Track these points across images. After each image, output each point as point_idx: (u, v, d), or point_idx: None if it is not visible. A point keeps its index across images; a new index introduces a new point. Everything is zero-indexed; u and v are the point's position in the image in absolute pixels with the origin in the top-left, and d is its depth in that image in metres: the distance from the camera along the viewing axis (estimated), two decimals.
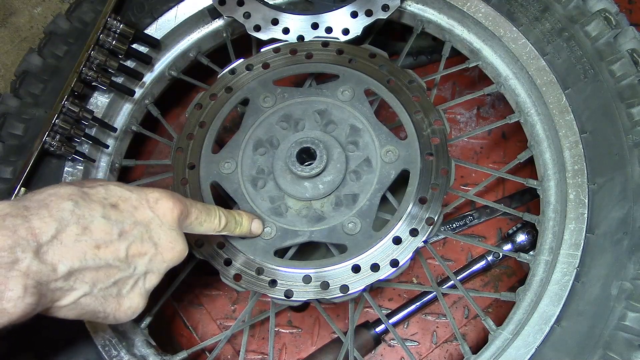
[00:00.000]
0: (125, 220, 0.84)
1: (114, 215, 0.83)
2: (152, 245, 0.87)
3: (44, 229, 0.75)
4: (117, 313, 0.87)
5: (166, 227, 0.89)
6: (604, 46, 1.20)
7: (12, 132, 1.30)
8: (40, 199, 0.78)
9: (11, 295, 0.71)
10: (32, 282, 0.73)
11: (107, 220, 0.82)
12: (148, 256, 0.87)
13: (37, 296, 0.73)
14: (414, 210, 1.13)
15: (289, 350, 1.58)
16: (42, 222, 0.75)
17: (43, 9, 1.75)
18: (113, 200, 0.85)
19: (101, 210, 0.82)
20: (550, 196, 1.21)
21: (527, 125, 1.28)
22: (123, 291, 0.87)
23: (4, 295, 0.71)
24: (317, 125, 1.23)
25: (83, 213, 0.79)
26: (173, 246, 0.90)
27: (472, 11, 1.31)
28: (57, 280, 0.76)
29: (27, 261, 0.72)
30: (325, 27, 1.33)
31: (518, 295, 1.17)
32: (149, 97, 1.44)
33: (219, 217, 1.01)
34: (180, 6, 1.40)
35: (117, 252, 0.83)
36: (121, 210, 0.85)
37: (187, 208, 0.93)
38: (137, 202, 0.87)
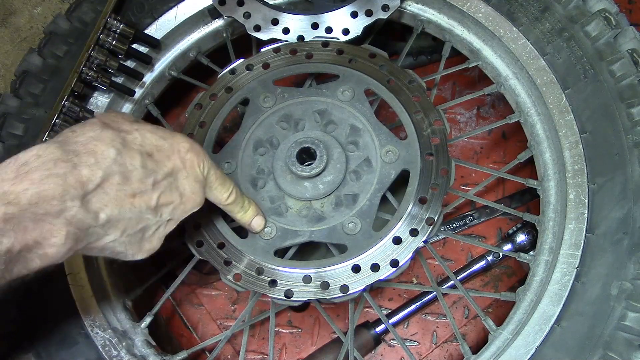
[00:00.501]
0: (159, 170, 0.87)
1: (150, 164, 0.86)
2: (178, 195, 0.91)
3: (91, 177, 0.77)
4: (136, 254, 0.91)
5: (191, 178, 0.93)
6: (604, 46, 1.20)
7: (12, 132, 1.30)
8: (84, 142, 0.80)
9: (54, 242, 0.74)
10: (74, 229, 0.75)
11: (145, 169, 0.84)
12: (173, 205, 0.91)
13: (75, 241, 0.76)
14: (414, 210, 1.13)
15: (289, 350, 1.58)
16: (89, 171, 0.77)
17: (43, 9, 1.75)
18: (149, 148, 0.87)
19: (140, 159, 0.84)
20: (550, 196, 1.21)
21: (527, 125, 1.28)
22: (146, 235, 0.90)
23: (48, 242, 0.73)
24: (317, 125, 1.23)
25: (124, 161, 0.82)
26: (194, 197, 0.94)
27: (472, 11, 1.31)
28: (96, 227, 0.79)
29: (74, 210, 0.74)
30: (325, 27, 1.33)
31: (518, 295, 1.17)
32: (149, 97, 1.44)
33: (230, 192, 1.03)
34: (180, 6, 1.40)
35: (149, 201, 0.86)
36: (156, 159, 0.87)
37: (208, 167, 0.96)
38: (169, 152, 0.90)
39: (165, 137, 0.91)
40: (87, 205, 0.77)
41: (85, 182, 0.76)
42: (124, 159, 0.82)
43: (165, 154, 0.89)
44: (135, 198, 0.84)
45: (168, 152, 0.90)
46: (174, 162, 0.90)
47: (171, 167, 0.90)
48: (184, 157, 0.92)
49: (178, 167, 0.91)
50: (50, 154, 0.76)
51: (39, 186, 0.72)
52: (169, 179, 0.89)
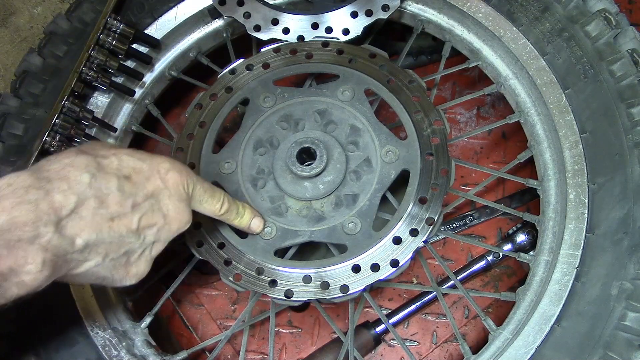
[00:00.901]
0: (138, 192, 0.86)
1: (127, 187, 0.84)
2: (161, 217, 0.89)
3: (65, 203, 0.76)
4: (124, 279, 0.90)
5: (175, 198, 0.91)
6: (604, 46, 1.20)
7: (12, 132, 1.30)
8: (58, 169, 0.79)
9: (30, 269, 0.73)
10: (50, 256, 0.74)
11: (121, 192, 0.83)
12: (157, 227, 0.89)
13: (53, 268, 0.75)
14: (414, 210, 1.13)
15: (289, 350, 1.58)
16: (62, 196, 0.76)
17: (43, 9, 1.75)
18: (126, 171, 0.86)
19: (116, 183, 0.83)
20: (550, 196, 1.21)
21: (527, 125, 1.28)
22: (131, 259, 0.89)
23: (23, 269, 0.72)
24: (317, 125, 1.23)
25: (100, 186, 0.81)
26: (180, 217, 0.92)
27: (472, 11, 1.31)
28: (73, 252, 0.78)
29: (48, 235, 0.74)
30: (325, 27, 1.33)
31: (518, 295, 1.17)
32: (149, 97, 1.44)
33: (222, 202, 1.02)
34: (180, 6, 1.40)
35: (129, 224, 0.85)
36: (134, 182, 0.86)
37: (193, 182, 0.95)
38: (148, 173, 0.88)
39: (143, 159, 0.89)
40: (62, 230, 0.75)
41: (58, 207, 0.75)
42: (99, 183, 0.81)
43: (144, 175, 0.88)
44: (114, 222, 0.82)
45: (147, 174, 0.88)
46: (155, 183, 0.88)
47: (152, 188, 0.88)
48: (164, 177, 0.90)
49: (159, 187, 0.89)
50: (21, 181, 0.75)
51: (10, 213, 0.71)
52: (150, 201, 0.88)
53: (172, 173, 0.91)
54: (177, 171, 0.92)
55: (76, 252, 0.78)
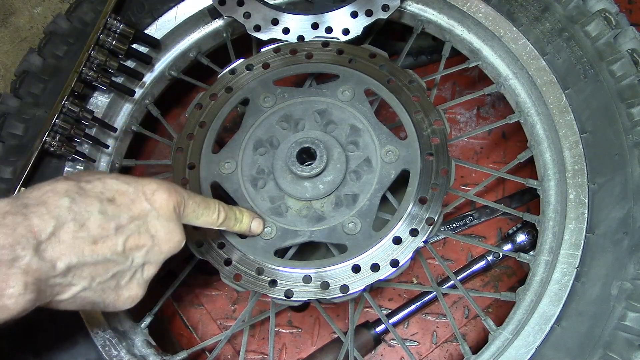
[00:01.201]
0: (122, 214, 0.84)
1: (110, 209, 0.83)
2: (149, 238, 0.87)
3: (43, 227, 0.75)
4: (116, 303, 0.89)
5: (163, 219, 0.89)
6: (604, 46, 1.20)
7: (12, 132, 1.30)
8: (38, 195, 0.79)
9: (12, 292, 0.72)
10: (32, 279, 0.73)
11: (103, 215, 0.82)
12: (145, 248, 0.87)
13: (36, 292, 0.74)
14: (414, 210, 1.13)
15: (289, 350, 1.58)
16: (40, 220, 0.75)
17: (43, 9, 1.75)
18: (110, 194, 0.85)
19: (98, 206, 0.82)
20: (550, 196, 1.21)
21: (527, 125, 1.28)
22: (121, 283, 0.87)
23: (5, 292, 0.71)
24: (317, 125, 1.23)
25: (80, 209, 0.80)
26: (170, 237, 0.90)
27: (472, 11, 1.31)
28: (56, 276, 0.77)
29: (27, 258, 0.73)
30: (325, 27, 1.33)
31: (518, 295, 1.17)
32: (149, 97, 1.44)
33: (218, 212, 1.01)
34: (180, 6, 1.40)
35: (114, 247, 0.83)
36: (118, 204, 0.85)
37: (184, 200, 0.93)
38: (134, 195, 0.87)
39: (129, 182, 0.88)
40: (42, 254, 0.75)
41: (36, 231, 0.74)
42: (78, 206, 0.79)
43: (129, 197, 0.86)
44: (97, 244, 0.81)
45: (132, 196, 0.86)
46: (140, 205, 0.87)
47: (137, 210, 0.86)
48: (151, 198, 0.88)
49: (145, 209, 0.87)
50: None
51: None
52: (136, 222, 0.86)
53: (159, 193, 0.89)
54: (164, 191, 0.90)
55: (59, 275, 0.77)
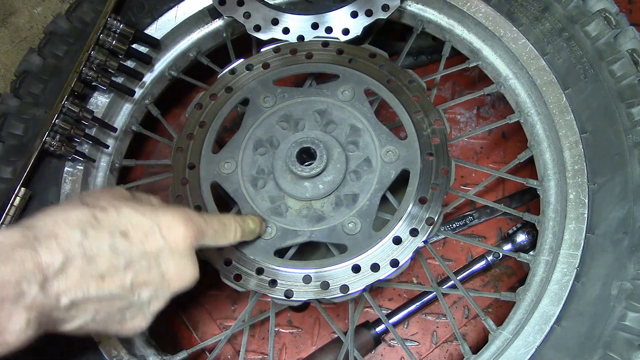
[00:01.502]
0: (133, 250, 0.82)
1: (122, 245, 0.81)
2: (158, 275, 0.85)
3: (51, 262, 0.74)
4: (120, 332, 0.87)
5: (177, 256, 0.87)
6: (604, 46, 1.20)
7: (12, 132, 1.30)
8: (49, 225, 0.77)
9: (14, 329, 0.71)
10: (35, 314, 0.73)
11: (114, 251, 0.80)
12: (154, 285, 0.85)
13: (38, 326, 0.74)
14: (414, 210, 1.13)
15: (289, 350, 1.58)
16: (49, 255, 0.74)
17: (43, 9, 1.75)
18: (123, 227, 0.83)
19: (109, 241, 0.80)
20: (550, 196, 1.21)
21: (527, 125, 1.28)
22: (127, 316, 0.85)
23: (7, 329, 0.71)
24: (317, 125, 1.23)
25: (90, 245, 0.78)
26: (181, 275, 0.88)
27: (472, 11, 1.31)
28: (59, 310, 0.76)
29: (32, 294, 0.72)
30: (325, 27, 1.33)
31: (518, 295, 1.17)
32: (149, 97, 1.44)
33: (235, 231, 1.00)
34: (180, 6, 1.40)
35: (121, 283, 0.81)
36: (131, 238, 0.83)
37: (202, 230, 0.91)
38: (148, 229, 0.84)
39: (146, 213, 0.85)
40: (47, 290, 0.74)
41: (45, 267, 0.73)
42: (90, 240, 0.78)
43: (143, 231, 0.84)
44: (104, 280, 0.79)
45: (146, 229, 0.84)
46: (153, 241, 0.84)
47: (150, 246, 0.84)
48: (165, 234, 0.85)
49: (159, 245, 0.85)
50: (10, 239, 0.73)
51: None
52: (147, 259, 0.84)
53: (174, 229, 0.86)
54: (180, 225, 0.87)
55: (62, 310, 0.76)
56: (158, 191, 1.65)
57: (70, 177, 1.30)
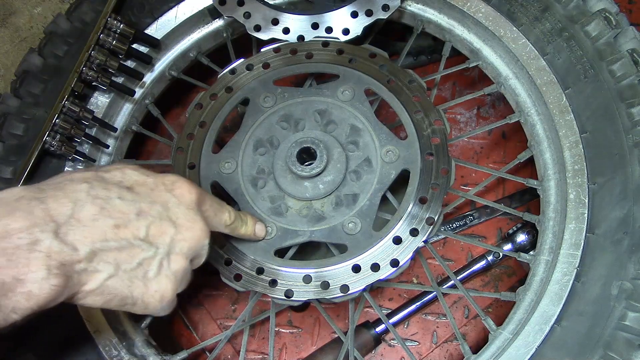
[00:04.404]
0: (142, 200, 0.83)
1: (130, 196, 0.82)
2: (171, 224, 0.85)
3: (60, 210, 0.74)
4: (146, 297, 0.84)
5: (184, 207, 0.88)
6: (604, 46, 1.20)
7: (12, 132, 1.30)
8: (55, 182, 0.78)
9: (35, 277, 0.70)
10: (55, 263, 0.71)
11: (123, 200, 0.81)
12: (169, 235, 0.85)
13: (61, 278, 0.72)
14: (414, 210, 1.13)
15: (289, 350, 1.58)
16: (57, 203, 0.74)
17: (43, 9, 1.75)
18: (129, 183, 0.84)
19: (117, 191, 0.81)
20: (550, 196, 1.21)
21: (527, 125, 1.28)
22: (149, 273, 0.83)
23: (27, 277, 0.70)
24: (317, 125, 1.23)
25: (98, 193, 0.79)
26: (192, 225, 0.88)
27: (472, 11, 1.31)
28: (80, 261, 0.75)
29: (47, 242, 0.71)
30: (325, 27, 1.33)
31: (518, 295, 1.17)
32: (149, 97, 1.44)
33: (229, 212, 1.01)
34: (180, 6, 1.40)
35: (137, 231, 0.81)
36: (137, 192, 0.84)
37: (202, 195, 0.93)
38: (153, 185, 0.86)
39: (148, 174, 0.88)
40: (63, 237, 0.73)
41: (53, 214, 0.73)
42: (97, 191, 0.79)
43: (149, 186, 0.86)
44: (120, 229, 0.79)
45: (151, 185, 0.86)
46: (160, 194, 0.86)
47: (158, 197, 0.85)
48: (171, 187, 0.88)
49: (165, 197, 0.86)
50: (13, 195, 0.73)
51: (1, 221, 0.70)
52: (156, 208, 0.84)
53: (179, 184, 0.89)
54: (184, 182, 0.90)
55: (83, 260, 0.75)
56: None
57: None
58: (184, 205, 0.88)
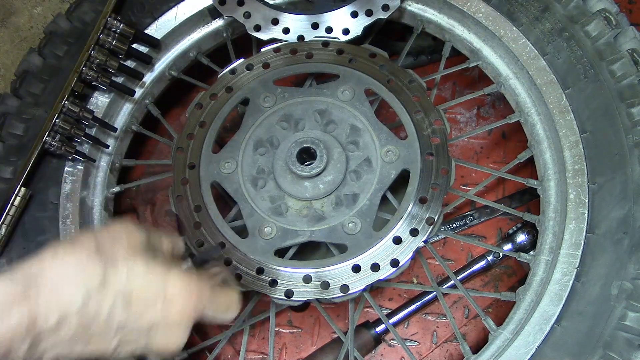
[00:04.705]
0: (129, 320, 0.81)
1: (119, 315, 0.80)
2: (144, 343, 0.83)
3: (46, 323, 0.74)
4: None
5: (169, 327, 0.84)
6: (604, 46, 1.20)
7: (12, 132, 1.30)
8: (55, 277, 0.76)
9: None
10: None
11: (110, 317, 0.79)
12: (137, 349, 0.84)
13: None
14: (414, 210, 1.13)
15: (289, 350, 1.58)
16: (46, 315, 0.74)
17: (43, 9, 1.75)
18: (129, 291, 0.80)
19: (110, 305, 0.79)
20: (550, 196, 1.21)
21: (527, 125, 1.28)
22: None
23: None
24: (318, 125, 1.23)
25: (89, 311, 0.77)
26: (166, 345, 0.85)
27: (472, 11, 1.31)
28: None
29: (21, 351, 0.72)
30: (325, 27, 1.33)
31: (518, 295, 1.17)
32: (149, 97, 1.44)
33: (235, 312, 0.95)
34: (180, 6, 1.40)
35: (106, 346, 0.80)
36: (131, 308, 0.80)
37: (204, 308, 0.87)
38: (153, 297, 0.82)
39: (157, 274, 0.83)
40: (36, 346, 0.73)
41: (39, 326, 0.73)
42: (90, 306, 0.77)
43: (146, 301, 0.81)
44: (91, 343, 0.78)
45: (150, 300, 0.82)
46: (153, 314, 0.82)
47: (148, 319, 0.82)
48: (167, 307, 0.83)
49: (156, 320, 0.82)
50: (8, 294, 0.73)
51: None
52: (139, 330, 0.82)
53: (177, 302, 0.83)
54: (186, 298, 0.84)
55: None
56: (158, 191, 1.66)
57: (70, 177, 1.30)
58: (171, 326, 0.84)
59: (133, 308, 0.81)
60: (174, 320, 0.85)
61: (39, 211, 1.27)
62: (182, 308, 0.85)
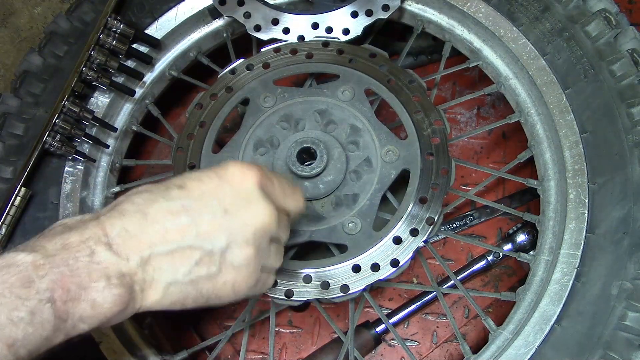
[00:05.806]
0: (189, 195, 0.79)
1: (175, 193, 0.79)
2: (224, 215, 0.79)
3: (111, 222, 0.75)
4: (216, 291, 0.81)
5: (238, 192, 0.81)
6: (604, 46, 1.20)
7: (12, 132, 1.30)
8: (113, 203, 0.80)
9: (97, 286, 0.71)
10: (114, 274, 0.72)
11: (167, 201, 0.78)
12: (223, 227, 0.79)
13: (122, 288, 0.73)
14: (414, 210, 1.13)
15: (289, 350, 1.58)
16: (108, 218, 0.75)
17: (43, 9, 1.74)
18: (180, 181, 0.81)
19: (162, 193, 0.79)
20: (550, 196, 1.21)
21: (527, 125, 1.28)
22: (212, 270, 0.79)
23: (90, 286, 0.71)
24: (318, 125, 1.23)
25: (143, 200, 0.77)
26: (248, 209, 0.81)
27: (473, 11, 1.31)
28: (136, 272, 0.74)
29: (102, 254, 0.72)
30: (325, 27, 1.33)
31: (518, 295, 1.17)
32: (150, 97, 1.44)
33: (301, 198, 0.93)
34: (180, 6, 1.40)
35: (185, 232, 0.77)
36: (188, 188, 0.80)
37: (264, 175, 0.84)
38: (204, 176, 0.81)
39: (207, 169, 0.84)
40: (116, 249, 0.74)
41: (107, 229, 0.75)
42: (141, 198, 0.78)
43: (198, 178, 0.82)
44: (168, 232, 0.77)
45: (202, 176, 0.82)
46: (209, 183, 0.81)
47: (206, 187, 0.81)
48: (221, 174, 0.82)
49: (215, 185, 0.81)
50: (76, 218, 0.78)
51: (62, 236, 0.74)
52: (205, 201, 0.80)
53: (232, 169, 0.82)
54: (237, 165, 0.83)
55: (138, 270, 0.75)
56: None
57: (70, 177, 1.30)
58: (239, 190, 0.81)
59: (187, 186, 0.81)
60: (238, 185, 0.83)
61: (39, 211, 1.27)
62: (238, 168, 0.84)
